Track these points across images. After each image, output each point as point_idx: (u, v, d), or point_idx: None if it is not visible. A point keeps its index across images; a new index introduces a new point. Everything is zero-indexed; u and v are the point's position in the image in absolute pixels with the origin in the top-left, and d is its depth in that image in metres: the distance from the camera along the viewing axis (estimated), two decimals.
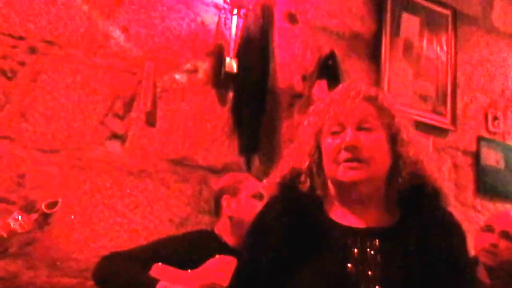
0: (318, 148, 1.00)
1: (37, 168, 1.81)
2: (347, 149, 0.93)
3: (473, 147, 2.72)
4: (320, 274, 0.90)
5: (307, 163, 0.99)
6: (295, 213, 0.96)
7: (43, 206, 1.46)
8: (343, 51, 2.44)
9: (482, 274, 1.74)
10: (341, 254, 0.91)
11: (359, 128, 0.95)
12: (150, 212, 1.96)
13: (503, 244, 1.72)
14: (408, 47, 2.60)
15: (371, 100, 0.98)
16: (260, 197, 1.60)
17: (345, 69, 2.42)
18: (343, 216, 0.97)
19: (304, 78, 2.33)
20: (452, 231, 0.97)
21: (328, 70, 2.35)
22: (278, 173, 1.02)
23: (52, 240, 1.77)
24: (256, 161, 2.17)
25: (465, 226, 1.03)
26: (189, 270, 1.52)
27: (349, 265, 0.90)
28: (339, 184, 0.96)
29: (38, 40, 1.87)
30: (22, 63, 1.84)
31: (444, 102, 2.64)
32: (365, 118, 0.96)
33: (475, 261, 1.75)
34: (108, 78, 1.97)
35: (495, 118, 2.76)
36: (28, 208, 1.45)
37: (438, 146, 2.62)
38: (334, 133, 0.97)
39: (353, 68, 2.47)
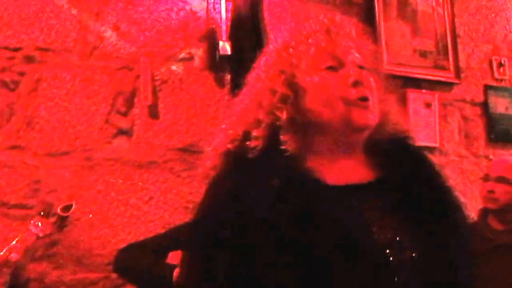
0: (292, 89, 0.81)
1: (50, 173, 1.87)
2: (356, 85, 0.77)
3: (480, 98, 2.67)
4: (341, 249, 0.71)
5: (285, 111, 0.78)
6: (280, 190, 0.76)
7: (59, 210, 1.56)
8: None
9: (492, 221, 1.79)
10: (355, 218, 0.75)
11: (360, 66, 0.81)
12: (164, 202, 2.02)
13: (500, 188, 1.77)
14: (402, 4, 2.55)
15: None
16: None
17: None
18: (329, 173, 0.79)
19: None
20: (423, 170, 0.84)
21: None
22: (226, 138, 0.83)
23: (74, 240, 1.85)
24: None
25: (479, 176, 0.97)
26: None
27: (373, 229, 0.74)
28: (344, 130, 0.78)
29: (33, 49, 1.91)
30: (21, 73, 1.89)
31: (446, 56, 2.60)
32: (359, 55, 0.83)
33: (485, 210, 1.80)
34: (107, 77, 2.01)
35: (500, 64, 2.70)
36: (45, 213, 1.56)
37: (444, 101, 2.59)
38: (331, 68, 0.80)
39: None
